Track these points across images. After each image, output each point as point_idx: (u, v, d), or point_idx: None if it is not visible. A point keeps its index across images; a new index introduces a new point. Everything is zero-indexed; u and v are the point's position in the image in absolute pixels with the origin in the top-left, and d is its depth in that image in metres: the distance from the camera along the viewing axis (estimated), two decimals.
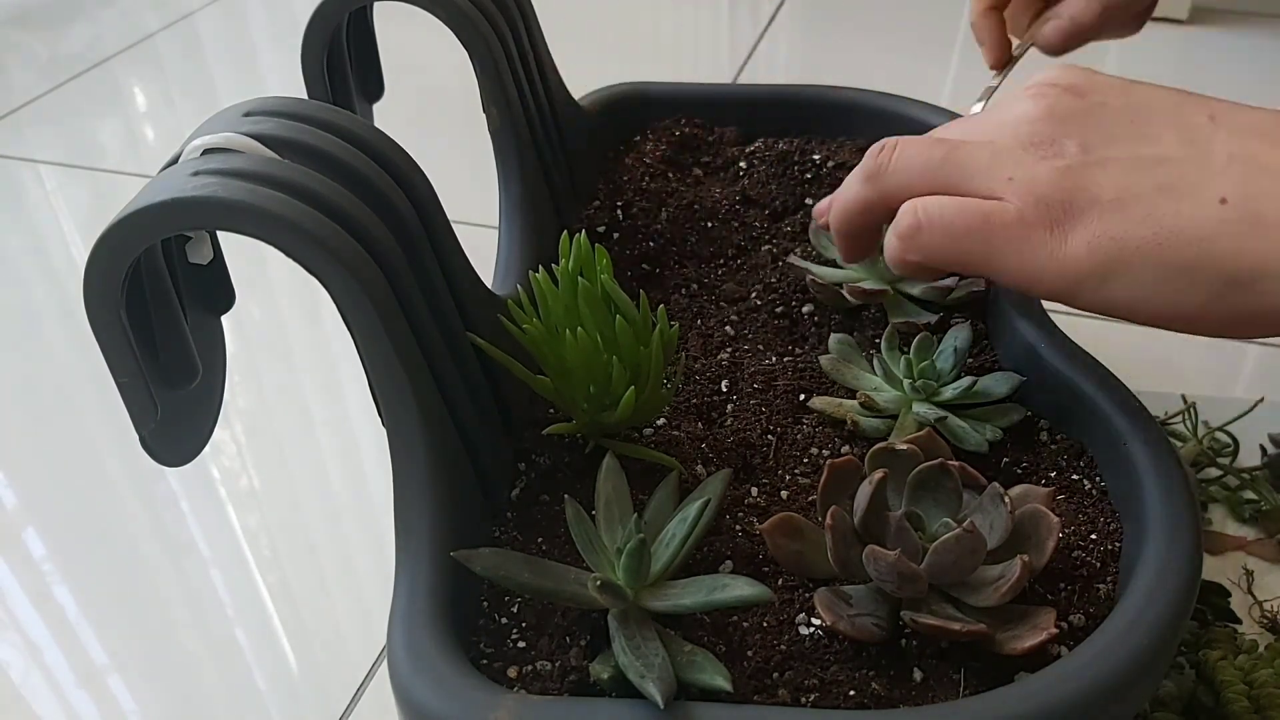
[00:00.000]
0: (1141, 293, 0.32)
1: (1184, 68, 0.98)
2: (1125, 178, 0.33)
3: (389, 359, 0.33)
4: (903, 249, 0.36)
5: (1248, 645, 0.45)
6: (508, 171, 0.50)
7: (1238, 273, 0.31)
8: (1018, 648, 0.31)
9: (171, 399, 0.34)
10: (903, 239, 0.35)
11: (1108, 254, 0.32)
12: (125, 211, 0.30)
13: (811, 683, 0.32)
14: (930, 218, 0.35)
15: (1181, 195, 0.32)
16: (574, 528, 0.34)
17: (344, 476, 0.62)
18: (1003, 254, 0.34)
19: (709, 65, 1.04)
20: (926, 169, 0.37)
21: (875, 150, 0.39)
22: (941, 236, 0.35)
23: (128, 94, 1.05)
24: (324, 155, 0.33)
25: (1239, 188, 0.32)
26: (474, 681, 0.30)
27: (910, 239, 0.35)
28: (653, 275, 0.51)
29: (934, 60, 0.98)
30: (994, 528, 0.34)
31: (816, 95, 0.60)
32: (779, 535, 0.35)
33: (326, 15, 0.46)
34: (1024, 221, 0.33)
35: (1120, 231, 0.32)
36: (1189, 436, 0.56)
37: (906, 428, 0.40)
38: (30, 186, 0.91)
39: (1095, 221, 0.33)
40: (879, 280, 0.46)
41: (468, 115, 0.54)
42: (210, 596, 0.55)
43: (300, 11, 1.05)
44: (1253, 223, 0.31)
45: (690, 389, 0.43)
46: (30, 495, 0.62)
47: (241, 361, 0.70)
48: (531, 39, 0.53)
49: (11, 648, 0.53)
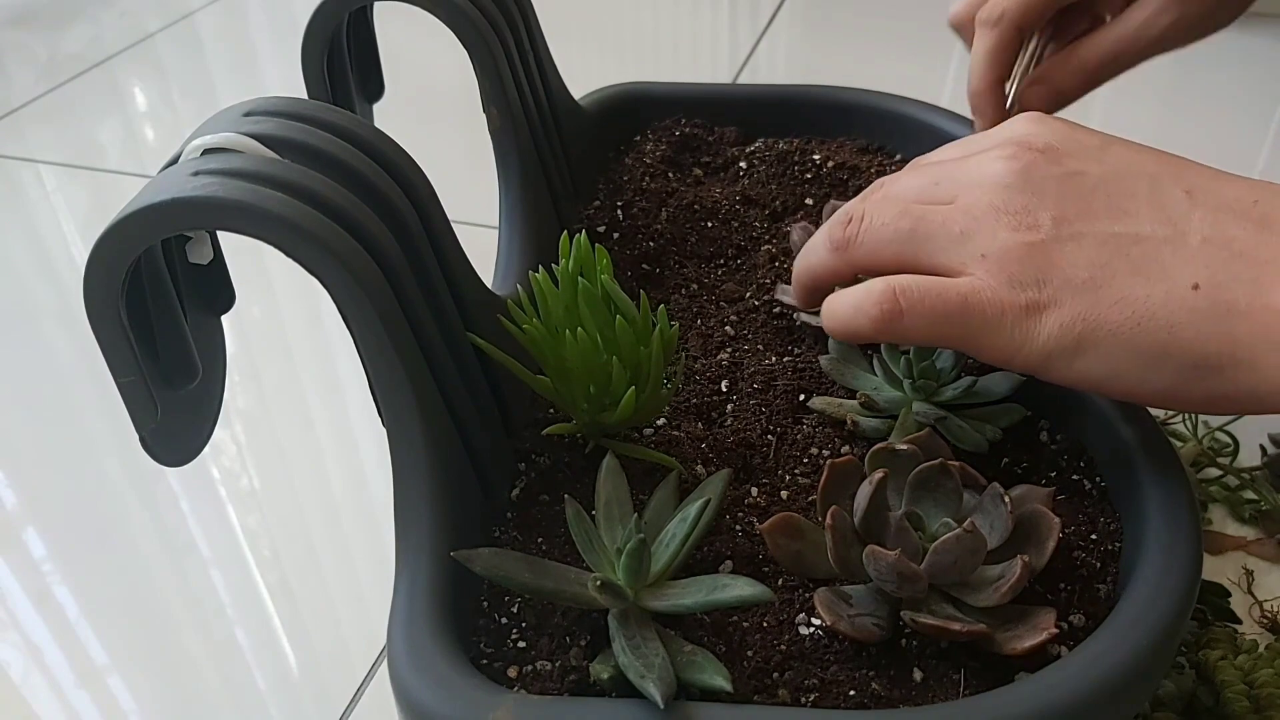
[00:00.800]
0: (1112, 372, 0.33)
1: (1184, 68, 0.98)
2: (1099, 256, 0.33)
3: (389, 359, 0.33)
4: (879, 330, 0.36)
5: (1248, 645, 0.45)
6: (508, 171, 0.50)
7: (1206, 359, 0.31)
8: (1018, 648, 0.31)
9: (171, 399, 0.34)
10: (881, 322, 0.35)
11: (1079, 335, 0.33)
12: (125, 211, 0.30)
13: (811, 683, 0.32)
14: (911, 304, 0.35)
15: (1154, 279, 0.32)
16: (574, 528, 0.34)
17: (344, 476, 0.62)
18: (980, 335, 0.34)
19: (709, 65, 1.04)
20: (895, 240, 0.37)
21: (843, 220, 0.39)
22: (922, 321, 0.35)
23: (128, 94, 1.05)
24: (324, 155, 0.33)
25: (1211, 274, 0.32)
26: (474, 681, 0.30)
27: (891, 323, 0.35)
28: (653, 275, 0.51)
29: (934, 60, 0.98)
30: (994, 528, 0.34)
31: (816, 95, 0.60)
32: (779, 535, 0.35)
33: (326, 15, 0.46)
34: (999, 303, 0.34)
35: (1093, 314, 0.33)
36: (1189, 436, 0.56)
37: (906, 428, 0.40)
38: (30, 186, 0.91)
39: (1068, 302, 0.33)
40: None
41: (468, 115, 0.54)
42: (210, 596, 0.55)
43: (300, 11, 1.05)
44: (1223, 310, 0.31)
45: (690, 389, 0.43)
46: (30, 495, 0.62)
47: (241, 361, 0.70)
48: (531, 39, 0.53)
49: (11, 648, 0.53)
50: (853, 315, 0.37)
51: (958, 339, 0.35)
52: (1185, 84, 0.95)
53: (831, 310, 0.38)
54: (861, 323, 0.36)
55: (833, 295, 0.39)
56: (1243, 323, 0.31)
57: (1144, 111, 0.90)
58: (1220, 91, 0.92)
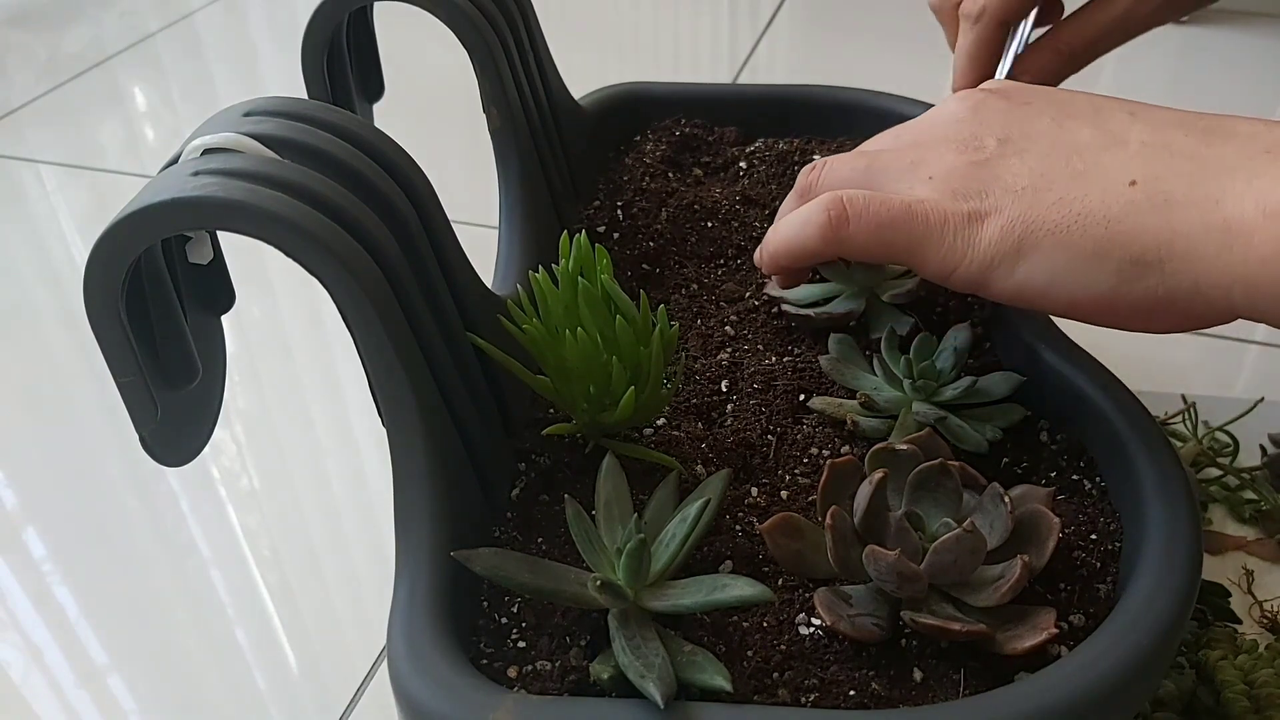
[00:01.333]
0: (1052, 277, 0.33)
1: (1184, 68, 0.98)
2: (1040, 165, 0.34)
3: (389, 359, 0.33)
4: (826, 240, 0.36)
5: (1248, 645, 0.45)
6: (508, 171, 0.50)
7: (1144, 252, 0.31)
8: (1018, 648, 0.31)
9: (171, 399, 0.34)
10: (828, 229, 0.36)
11: (1019, 238, 0.33)
12: (125, 211, 0.30)
13: (811, 683, 0.32)
14: (857, 211, 0.36)
15: (1092, 180, 0.33)
16: (574, 527, 0.34)
17: (344, 476, 0.62)
18: (923, 244, 0.35)
19: (709, 65, 1.04)
20: (852, 178, 0.39)
21: (806, 170, 0.41)
22: (867, 229, 0.36)
23: (128, 94, 1.05)
24: (324, 155, 0.33)
25: (1148, 170, 0.32)
26: (474, 681, 0.30)
27: (837, 230, 0.36)
28: (653, 275, 0.51)
29: (934, 60, 0.98)
30: (994, 528, 0.34)
31: (817, 95, 0.60)
32: (779, 535, 0.35)
33: (326, 15, 0.46)
34: (941, 211, 0.35)
35: (1032, 215, 0.33)
36: (1189, 436, 0.56)
37: (906, 428, 0.40)
38: (30, 186, 0.91)
39: (1009, 207, 0.34)
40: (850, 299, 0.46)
41: (468, 115, 0.54)
42: (210, 596, 0.55)
43: (300, 11, 1.05)
44: (1160, 203, 0.32)
45: (690, 389, 0.43)
46: (30, 495, 0.62)
47: (241, 361, 0.70)
48: (531, 39, 0.53)
49: (11, 648, 0.53)
50: (800, 228, 0.38)
51: (901, 248, 0.36)
52: (1185, 84, 0.95)
53: (777, 234, 0.39)
54: (809, 233, 0.37)
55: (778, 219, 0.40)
56: (1180, 212, 0.31)
57: None
58: (1220, 91, 0.92)
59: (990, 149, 0.36)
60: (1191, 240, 0.31)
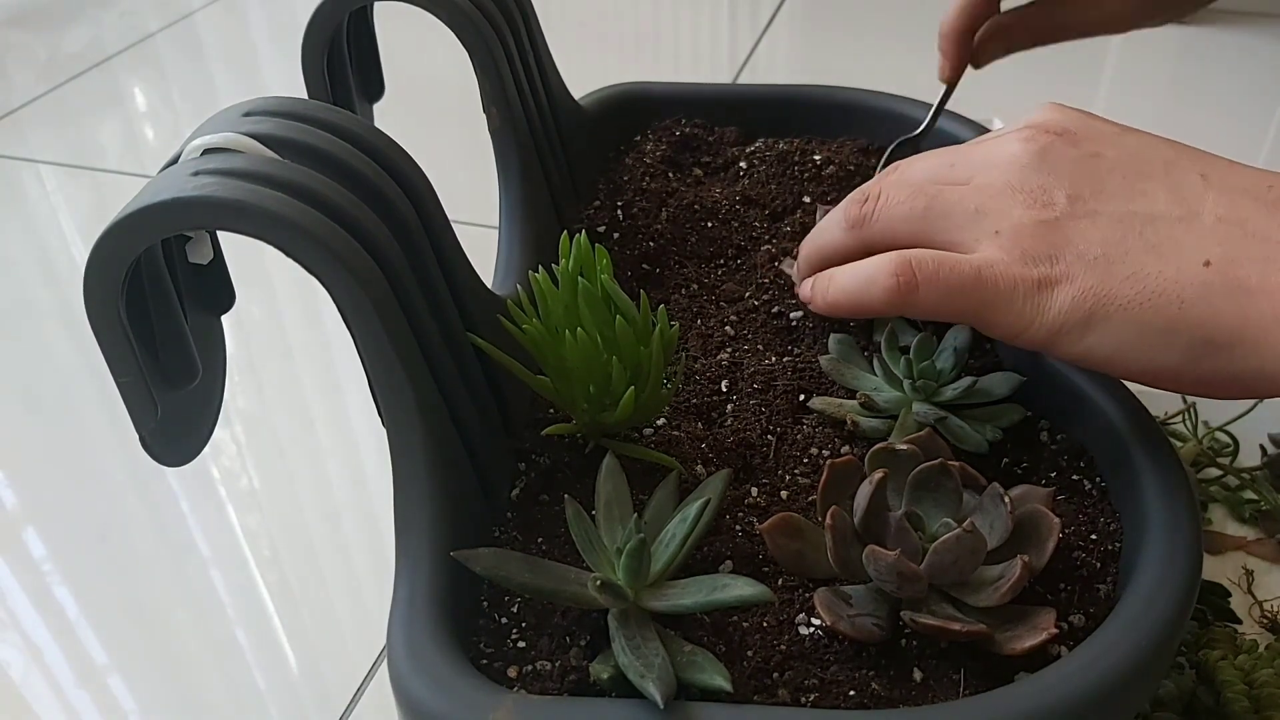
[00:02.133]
0: (1120, 348, 0.33)
1: (1184, 68, 0.98)
2: (1113, 233, 0.33)
3: (389, 359, 0.33)
4: (892, 302, 0.36)
5: (1248, 645, 0.45)
6: (508, 171, 0.50)
7: (1214, 336, 0.31)
8: (1018, 648, 0.31)
9: (171, 399, 0.34)
10: (895, 294, 0.35)
11: (1089, 309, 0.33)
12: (125, 211, 0.30)
13: (811, 683, 0.32)
14: (926, 276, 0.35)
15: (1167, 256, 0.32)
16: (574, 527, 0.34)
17: (344, 476, 0.62)
18: (992, 309, 0.34)
19: (709, 65, 1.04)
20: (910, 218, 0.37)
21: (859, 199, 0.39)
22: (936, 294, 0.35)
23: (128, 94, 1.05)
24: (324, 155, 0.33)
25: (1224, 251, 0.32)
26: (474, 681, 0.30)
27: (905, 295, 0.35)
28: (653, 275, 0.51)
29: (934, 60, 0.98)
30: (994, 528, 0.34)
31: (816, 95, 0.60)
32: (779, 535, 0.35)
33: (327, 15, 0.46)
34: (1011, 277, 0.34)
35: (1104, 289, 0.33)
36: (1189, 436, 0.56)
37: (906, 428, 0.40)
38: (30, 186, 0.91)
39: (1080, 277, 0.33)
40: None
41: (468, 115, 0.54)
42: (210, 596, 0.55)
43: (300, 11, 1.05)
44: (1233, 288, 0.31)
45: (690, 389, 0.43)
46: (30, 495, 0.62)
47: (241, 361, 0.70)
48: (531, 39, 0.53)
49: (11, 648, 0.53)
50: (864, 287, 0.37)
51: (970, 313, 0.35)
52: (1186, 83, 0.95)
53: (838, 284, 0.38)
54: (874, 294, 0.36)
55: (835, 269, 0.38)
56: (1253, 301, 0.31)
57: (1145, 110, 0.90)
58: (1220, 91, 0.92)
59: (1060, 207, 0.34)
60: (1263, 329, 0.31)
